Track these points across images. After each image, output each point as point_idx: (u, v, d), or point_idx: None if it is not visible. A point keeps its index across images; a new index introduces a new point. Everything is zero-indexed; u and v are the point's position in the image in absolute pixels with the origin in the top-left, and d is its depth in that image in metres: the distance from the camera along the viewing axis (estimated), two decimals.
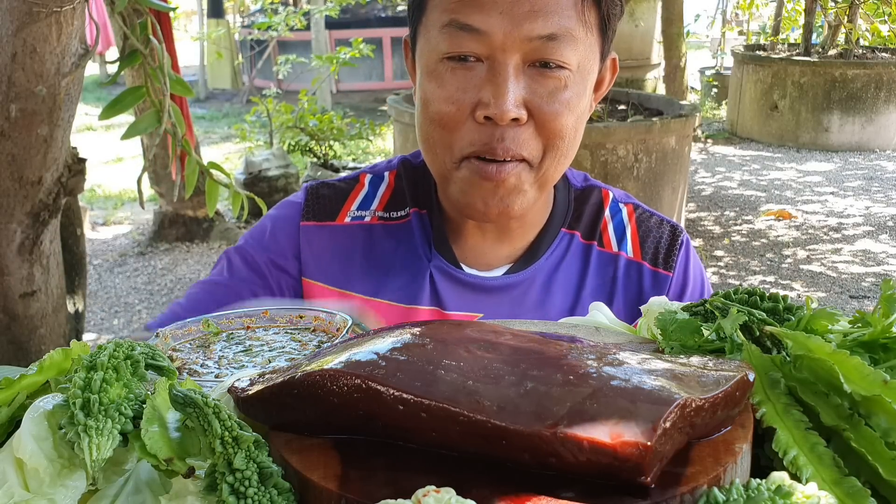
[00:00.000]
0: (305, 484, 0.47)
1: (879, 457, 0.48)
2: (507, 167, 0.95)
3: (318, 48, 8.70)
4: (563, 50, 0.93)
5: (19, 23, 1.68)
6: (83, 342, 0.58)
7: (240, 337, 0.80)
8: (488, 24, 0.91)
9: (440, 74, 0.95)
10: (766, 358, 0.56)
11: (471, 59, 0.94)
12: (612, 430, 0.42)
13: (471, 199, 0.99)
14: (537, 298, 1.07)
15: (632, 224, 1.14)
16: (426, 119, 0.98)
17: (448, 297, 1.05)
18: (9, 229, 1.93)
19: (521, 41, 0.92)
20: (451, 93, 0.94)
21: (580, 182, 1.16)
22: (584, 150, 4.59)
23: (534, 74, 0.94)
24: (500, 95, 0.92)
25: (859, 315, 0.61)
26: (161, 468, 0.49)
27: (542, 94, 0.94)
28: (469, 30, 0.92)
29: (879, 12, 8.00)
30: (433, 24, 0.96)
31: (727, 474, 0.46)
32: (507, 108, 0.91)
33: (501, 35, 0.91)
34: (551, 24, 0.92)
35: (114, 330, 4.12)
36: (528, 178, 0.97)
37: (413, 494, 0.41)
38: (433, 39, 0.96)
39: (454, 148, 0.97)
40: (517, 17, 0.91)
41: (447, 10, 0.94)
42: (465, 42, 0.93)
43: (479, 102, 0.93)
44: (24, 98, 1.77)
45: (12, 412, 0.55)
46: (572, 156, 1.01)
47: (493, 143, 0.94)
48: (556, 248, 1.10)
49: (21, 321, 2.02)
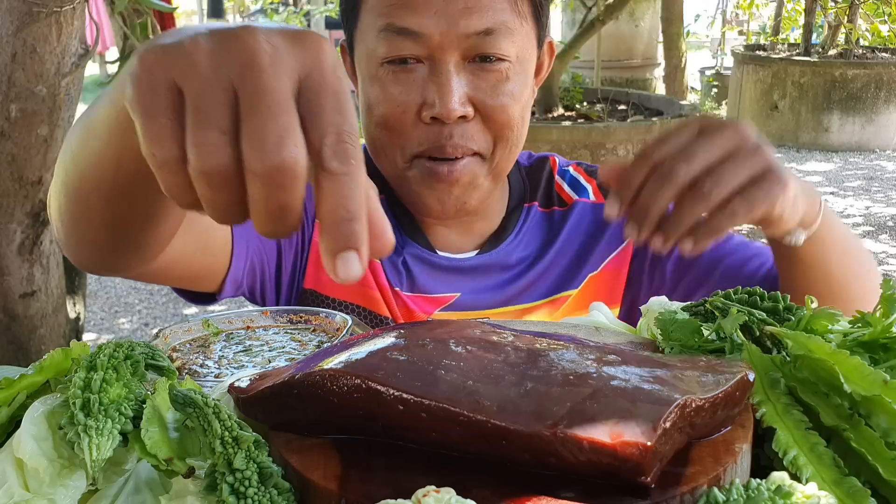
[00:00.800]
0: (305, 484, 0.47)
1: (879, 457, 0.48)
2: (458, 165, 0.96)
3: None
4: (501, 43, 0.94)
5: (19, 23, 1.68)
6: (83, 342, 0.58)
7: (240, 337, 0.80)
8: (424, 26, 0.92)
9: (381, 79, 0.96)
10: (766, 358, 0.56)
11: (410, 61, 0.94)
12: (612, 430, 0.42)
13: (426, 200, 1.00)
14: (513, 273, 1.09)
15: (583, 175, 1.16)
16: (372, 123, 0.99)
17: (424, 280, 1.06)
18: (9, 229, 1.93)
19: (459, 39, 0.92)
20: (395, 96, 0.95)
21: (526, 160, 1.17)
22: (584, 150, 4.60)
23: (474, 70, 0.95)
24: (444, 95, 0.92)
25: (859, 315, 0.61)
26: (161, 468, 0.49)
27: (486, 89, 0.95)
28: (406, 33, 0.93)
29: (879, 12, 8.00)
30: (369, 29, 0.96)
31: (727, 474, 0.46)
32: (453, 107, 0.92)
33: (438, 35, 0.92)
34: (486, 18, 0.93)
35: (114, 330, 4.12)
36: (481, 170, 0.99)
37: (413, 494, 0.41)
38: (370, 44, 0.96)
39: (404, 148, 0.98)
40: (452, 16, 0.92)
41: (381, 14, 0.94)
42: (403, 45, 0.93)
43: (424, 103, 0.94)
44: (24, 98, 1.77)
45: (12, 412, 0.55)
46: (522, 143, 1.03)
47: (441, 141, 0.95)
48: (521, 223, 1.12)
49: (21, 321, 2.02)
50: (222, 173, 0.42)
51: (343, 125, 0.43)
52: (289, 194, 0.42)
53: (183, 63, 0.43)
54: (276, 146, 0.41)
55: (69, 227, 0.75)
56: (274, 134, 0.41)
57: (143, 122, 0.43)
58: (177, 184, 0.44)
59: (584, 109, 5.65)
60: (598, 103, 5.79)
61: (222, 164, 0.42)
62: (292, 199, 0.42)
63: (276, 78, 0.43)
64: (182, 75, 0.43)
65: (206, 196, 0.43)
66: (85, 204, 0.70)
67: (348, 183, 0.43)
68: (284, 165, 0.41)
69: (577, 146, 4.67)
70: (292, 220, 0.44)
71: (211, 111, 0.42)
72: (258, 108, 0.42)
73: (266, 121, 0.42)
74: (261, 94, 0.42)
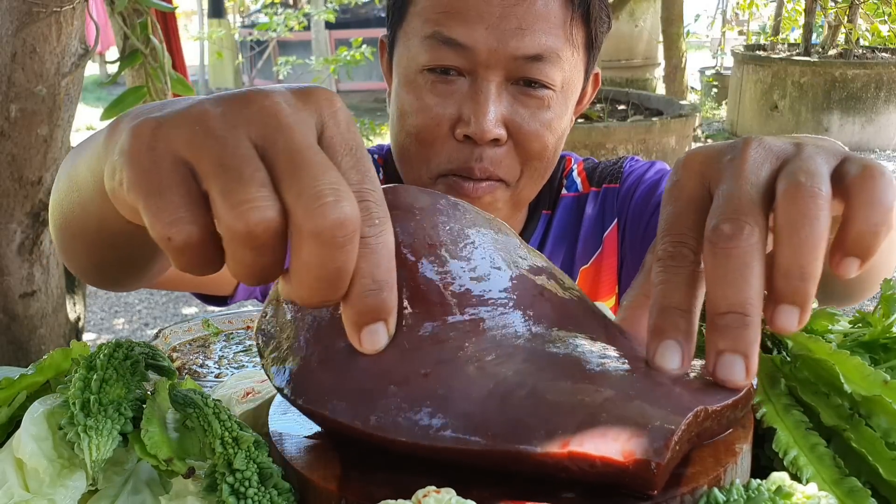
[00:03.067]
0: (305, 484, 0.47)
1: (879, 457, 0.48)
2: (482, 185, 0.94)
3: (318, 48, 8.70)
4: (549, 70, 0.91)
5: (19, 23, 1.69)
6: (83, 342, 0.58)
7: (240, 337, 0.80)
8: (473, 39, 0.88)
9: (419, 86, 0.92)
10: (766, 358, 0.56)
11: (453, 72, 0.91)
12: (623, 447, 0.42)
13: None
14: None
15: (581, 170, 1.15)
16: (403, 131, 0.96)
17: None
18: (9, 229, 1.93)
19: (506, 59, 0.89)
20: (431, 107, 0.92)
21: None
22: (584, 150, 4.60)
23: (516, 93, 0.91)
24: (480, 114, 0.89)
25: (859, 315, 0.61)
26: (161, 468, 0.49)
27: (524, 114, 0.92)
28: (452, 44, 0.89)
29: (879, 12, 8.00)
30: (414, 33, 0.93)
31: (727, 474, 0.46)
32: (488, 127, 0.89)
33: (486, 52, 0.88)
34: (538, 43, 0.89)
35: (114, 330, 4.12)
36: (502, 196, 0.96)
37: (413, 494, 0.41)
38: (413, 48, 0.93)
39: (431, 163, 0.95)
40: (504, 34, 0.88)
41: (430, 20, 0.90)
42: (447, 55, 0.90)
43: (459, 119, 0.91)
44: (24, 98, 1.77)
45: (12, 412, 0.55)
46: (548, 175, 1.01)
47: (471, 162, 0.92)
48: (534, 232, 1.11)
49: (21, 321, 2.02)
50: (270, 230, 0.38)
51: (363, 183, 0.41)
52: (348, 255, 0.39)
53: (191, 132, 0.39)
54: (334, 202, 0.38)
55: (60, 252, 0.73)
56: (328, 189, 0.38)
57: (150, 205, 0.39)
58: (197, 263, 0.40)
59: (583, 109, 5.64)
60: (598, 103, 5.79)
61: (270, 218, 0.38)
62: (350, 260, 0.39)
63: (305, 135, 0.40)
64: (191, 145, 0.39)
65: (245, 260, 0.39)
66: (71, 244, 0.68)
67: (376, 248, 0.40)
68: (345, 222, 0.38)
69: (577, 146, 4.67)
70: (344, 286, 0.40)
71: (243, 168, 0.38)
72: (300, 166, 0.38)
73: (314, 178, 0.38)
74: (298, 151, 0.39)
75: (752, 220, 0.43)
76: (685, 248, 0.45)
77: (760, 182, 0.45)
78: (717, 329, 0.43)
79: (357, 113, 8.05)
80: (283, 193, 0.38)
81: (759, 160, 0.46)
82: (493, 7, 0.88)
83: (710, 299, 0.43)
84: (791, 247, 0.42)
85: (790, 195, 0.43)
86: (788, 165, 0.45)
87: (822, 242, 0.42)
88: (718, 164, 0.47)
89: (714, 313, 0.43)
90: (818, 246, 0.42)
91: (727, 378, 0.44)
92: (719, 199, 0.44)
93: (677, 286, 0.45)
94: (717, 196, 0.45)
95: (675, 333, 0.44)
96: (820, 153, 0.47)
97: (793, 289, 0.42)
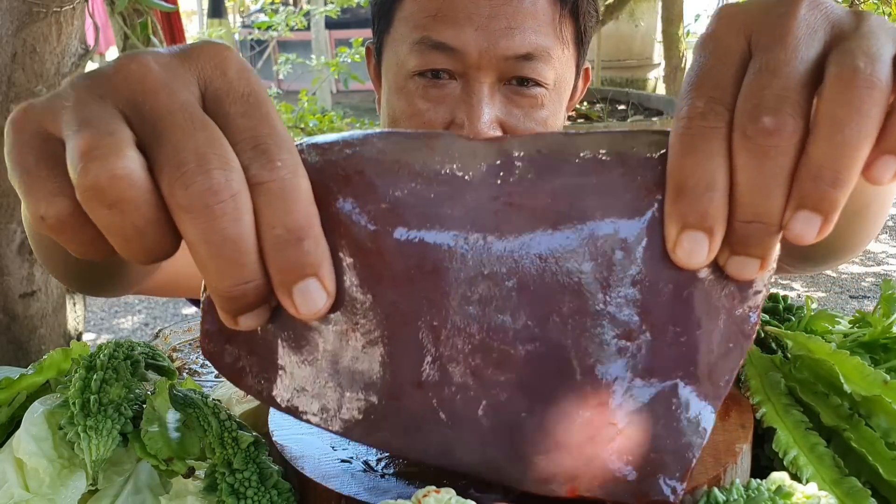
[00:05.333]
0: (305, 484, 0.47)
1: (879, 457, 0.48)
2: None
3: (318, 48, 8.70)
4: (541, 68, 0.89)
5: (19, 23, 1.68)
6: (83, 342, 0.58)
7: None
8: (462, 42, 0.86)
9: (410, 92, 0.90)
10: (766, 358, 0.56)
11: (443, 75, 0.89)
12: (637, 488, 0.40)
13: None
14: None
15: None
16: None
17: None
18: (9, 229, 1.93)
19: (498, 59, 0.87)
20: (423, 112, 0.90)
21: None
22: None
23: (509, 93, 0.90)
24: (474, 117, 0.87)
25: (859, 315, 0.61)
26: (161, 468, 0.49)
27: (518, 114, 0.90)
28: (442, 48, 0.87)
29: (879, 12, 8.00)
30: (402, 39, 0.91)
31: (727, 474, 0.46)
32: (482, 129, 0.87)
33: (477, 53, 0.86)
34: (528, 42, 0.87)
35: (114, 330, 4.12)
36: None
37: (413, 494, 0.41)
38: (402, 54, 0.91)
39: None
40: (493, 34, 0.86)
41: (418, 26, 0.88)
42: (438, 59, 0.88)
43: (453, 123, 0.89)
44: (24, 98, 1.77)
45: (12, 412, 0.55)
46: None
47: None
48: None
49: (21, 321, 2.02)
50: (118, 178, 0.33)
51: (258, 128, 0.36)
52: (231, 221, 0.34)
53: (58, 107, 0.36)
54: (196, 168, 0.33)
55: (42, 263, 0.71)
56: (190, 155, 0.34)
57: (22, 187, 0.36)
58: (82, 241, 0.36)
59: (583, 109, 5.65)
60: (598, 103, 5.78)
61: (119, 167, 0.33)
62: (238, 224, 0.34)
63: (173, 97, 0.36)
64: (55, 119, 0.36)
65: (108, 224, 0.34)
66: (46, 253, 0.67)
67: (281, 193, 0.35)
68: (214, 187, 0.33)
69: None
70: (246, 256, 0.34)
71: (98, 126, 0.34)
72: (162, 132, 0.35)
73: (175, 145, 0.34)
74: (160, 118, 0.35)
75: (797, 111, 0.35)
76: (719, 106, 0.37)
77: (810, 57, 0.37)
78: (736, 235, 0.37)
79: (357, 113, 8.04)
80: (151, 165, 0.34)
81: (813, 26, 0.38)
82: (482, 8, 0.86)
83: (736, 201, 0.36)
84: (831, 145, 0.35)
85: (844, 82, 0.35)
86: (846, 42, 0.37)
87: (867, 144, 0.35)
88: (764, 17, 0.38)
89: (738, 220, 0.36)
90: (861, 147, 0.35)
91: (739, 275, 0.38)
92: (762, 70, 0.37)
93: (708, 155, 0.36)
94: (759, 62, 0.37)
95: (702, 221, 0.36)
96: (883, 29, 0.38)
97: (821, 194, 0.35)
